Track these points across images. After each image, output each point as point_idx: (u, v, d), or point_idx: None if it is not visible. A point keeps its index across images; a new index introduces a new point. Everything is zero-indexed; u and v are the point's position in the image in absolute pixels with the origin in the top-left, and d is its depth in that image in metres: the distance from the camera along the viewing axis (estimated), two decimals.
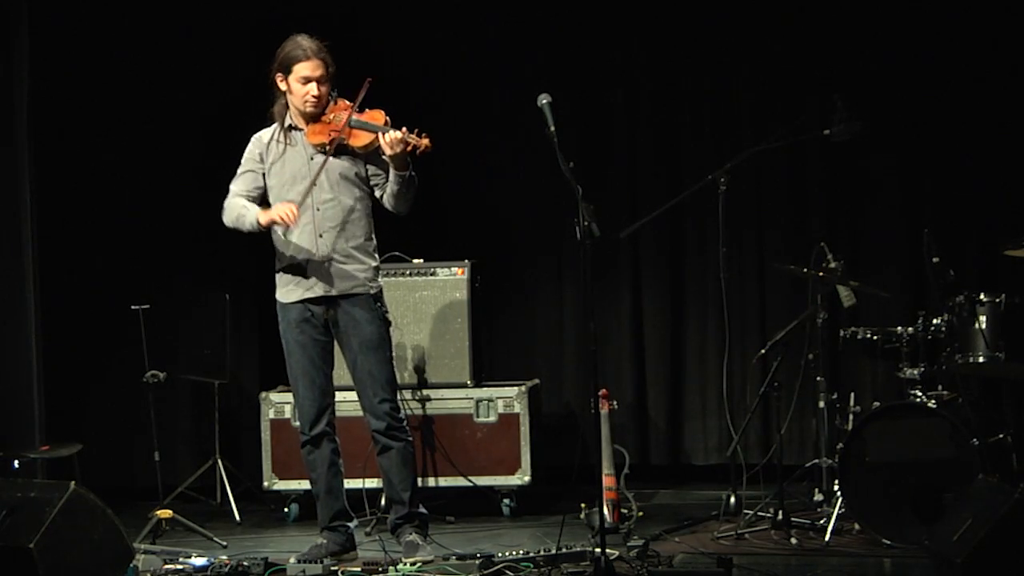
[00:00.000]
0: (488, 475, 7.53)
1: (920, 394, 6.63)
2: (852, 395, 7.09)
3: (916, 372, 6.69)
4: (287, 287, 6.42)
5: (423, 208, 6.65)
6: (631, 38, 8.47)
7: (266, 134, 6.47)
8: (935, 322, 6.73)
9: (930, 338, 6.76)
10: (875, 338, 6.85)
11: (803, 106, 7.82)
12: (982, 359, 6.61)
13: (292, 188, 6.39)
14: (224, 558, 6.35)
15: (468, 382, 7.62)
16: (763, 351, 7.28)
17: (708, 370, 8.38)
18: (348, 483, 6.65)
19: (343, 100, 6.37)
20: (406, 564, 6.20)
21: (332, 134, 6.33)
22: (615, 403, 7.29)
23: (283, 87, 6.39)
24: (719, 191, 6.96)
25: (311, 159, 6.39)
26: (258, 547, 6.93)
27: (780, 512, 6.67)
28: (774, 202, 8.36)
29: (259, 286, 7.90)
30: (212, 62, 8.36)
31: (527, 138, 7.64)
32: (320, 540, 6.50)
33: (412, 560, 6.24)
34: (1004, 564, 5.40)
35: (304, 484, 7.07)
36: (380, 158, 6.36)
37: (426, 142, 6.21)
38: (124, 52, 8.36)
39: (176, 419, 8.45)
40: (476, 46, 8.52)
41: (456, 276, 7.67)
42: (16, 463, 7.47)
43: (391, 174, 6.33)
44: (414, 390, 7.53)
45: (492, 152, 8.53)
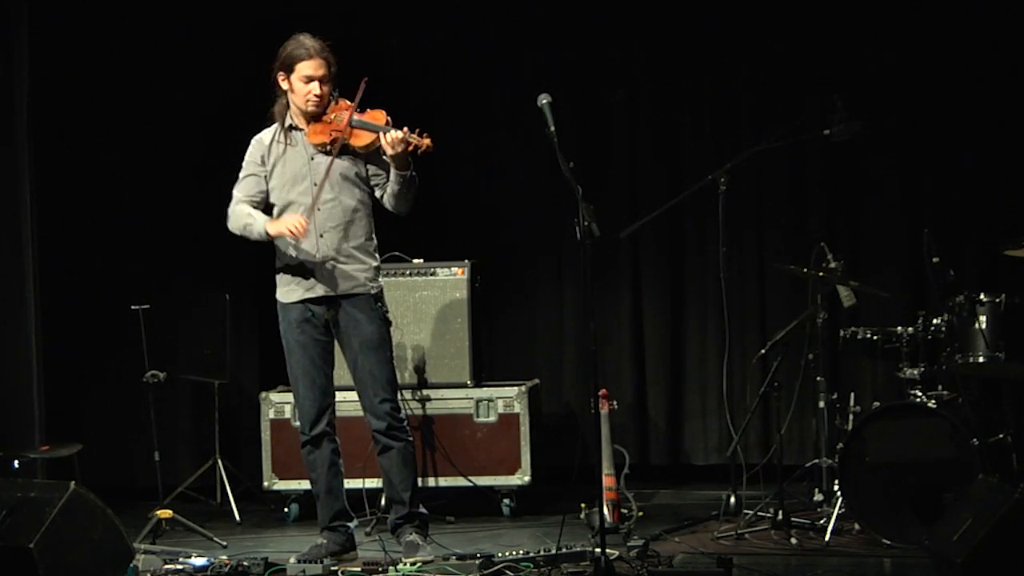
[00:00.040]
0: (488, 475, 7.53)
1: (920, 394, 6.63)
2: (852, 395, 7.08)
3: (916, 372, 6.69)
4: (288, 287, 6.42)
5: (423, 208, 6.65)
6: (631, 38, 8.47)
7: (267, 135, 6.46)
8: (935, 322, 6.73)
9: (930, 338, 6.75)
10: (875, 338, 6.85)
11: (803, 106, 7.81)
12: (982, 359, 6.61)
13: (293, 188, 6.38)
14: (224, 558, 6.35)
15: (468, 382, 7.62)
16: (763, 351, 7.28)
17: (708, 370, 8.38)
18: (348, 483, 6.65)
19: (344, 100, 6.36)
20: (406, 564, 6.20)
21: (333, 134, 6.32)
22: (615, 403, 7.28)
23: (285, 86, 6.38)
24: (719, 191, 6.96)
25: (312, 159, 6.38)
26: (258, 547, 6.93)
27: (780, 512, 6.67)
28: (774, 202, 8.36)
29: (259, 286, 7.88)
30: (212, 62, 8.36)
31: (527, 138, 7.63)
32: (320, 540, 6.49)
33: (412, 560, 6.24)
34: (1004, 564, 5.39)
35: (304, 484, 7.06)
36: (381, 158, 6.35)
37: (427, 142, 6.21)
38: (124, 52, 8.36)
39: (176, 419, 8.45)
40: (476, 46, 8.52)
41: (456, 276, 7.67)
42: (16, 463, 7.47)
43: (392, 174, 6.33)
44: (414, 390, 7.53)
45: (492, 152, 8.53)
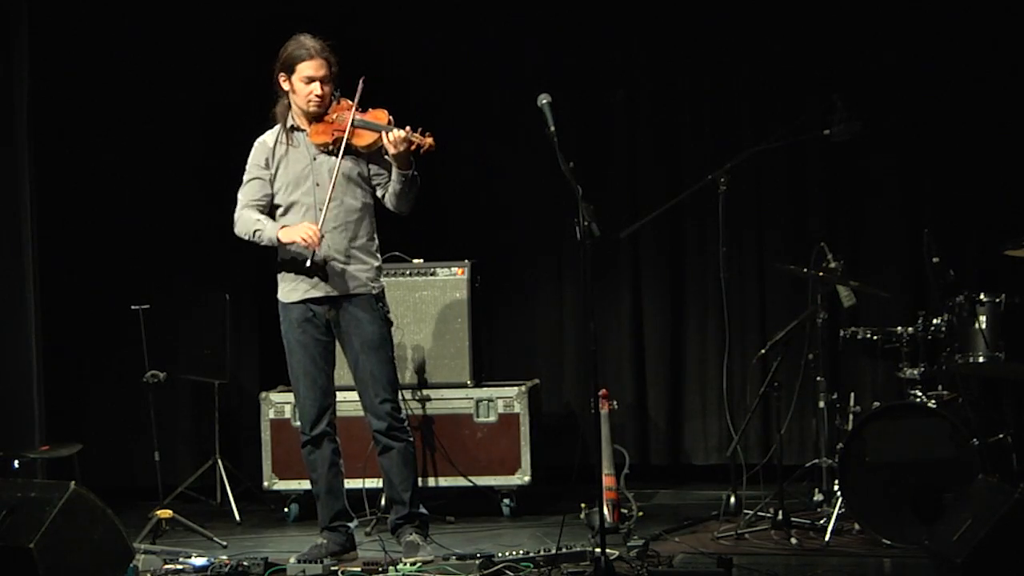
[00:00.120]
0: (488, 475, 7.53)
1: (920, 394, 6.62)
2: (852, 395, 7.08)
3: (916, 372, 6.68)
4: (289, 287, 6.41)
5: (423, 208, 6.64)
6: (631, 38, 8.47)
7: (270, 137, 6.45)
8: (935, 322, 6.73)
9: (930, 338, 6.75)
10: (875, 338, 6.85)
11: (803, 106, 7.80)
12: (982, 359, 6.61)
13: (296, 189, 6.38)
14: (224, 558, 6.35)
15: (468, 382, 7.61)
16: (763, 351, 7.28)
17: (708, 370, 8.38)
18: (348, 483, 6.65)
19: (345, 100, 6.36)
20: (406, 564, 6.20)
21: (335, 134, 6.32)
22: (615, 403, 7.28)
23: (286, 87, 6.38)
24: (719, 191, 6.96)
25: (314, 159, 6.38)
26: (258, 547, 6.93)
27: (780, 512, 6.67)
28: (774, 202, 8.36)
29: (259, 286, 7.91)
30: (212, 62, 8.35)
31: (527, 138, 7.63)
32: (320, 540, 6.49)
33: (412, 560, 6.24)
34: (1004, 564, 5.40)
35: (304, 484, 7.06)
36: (382, 157, 6.35)
37: (430, 141, 6.20)
38: (124, 52, 8.36)
39: (176, 419, 8.45)
40: (476, 46, 8.52)
41: (456, 276, 7.66)
42: (16, 463, 7.47)
43: (394, 173, 6.33)
44: (414, 390, 7.53)
45: (492, 152, 8.52)
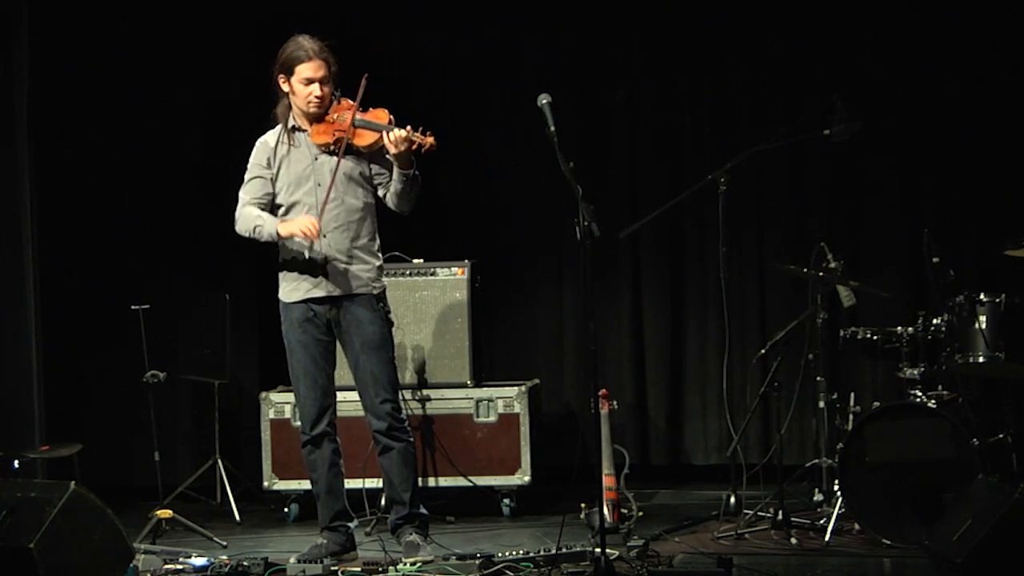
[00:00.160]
0: (488, 475, 7.52)
1: (920, 394, 6.62)
2: (852, 395, 7.08)
3: (916, 372, 6.68)
4: (290, 286, 6.41)
5: (423, 208, 6.64)
6: (631, 38, 8.47)
7: (271, 137, 6.45)
8: (935, 322, 6.73)
9: (930, 338, 6.75)
10: (875, 338, 6.84)
11: (803, 106, 7.79)
12: (982, 359, 6.61)
13: (298, 189, 6.38)
14: (224, 558, 6.35)
15: (468, 382, 7.61)
16: (763, 351, 7.28)
17: (708, 370, 8.38)
18: (348, 483, 6.65)
19: (346, 100, 6.36)
20: (406, 564, 6.20)
21: (337, 134, 6.32)
22: (615, 403, 7.28)
23: (286, 88, 6.37)
24: (719, 191, 6.95)
25: (315, 159, 6.38)
26: (258, 547, 6.93)
27: (780, 512, 6.67)
28: (774, 202, 8.36)
29: (259, 286, 7.92)
30: (212, 62, 8.35)
31: (527, 138, 7.63)
32: (320, 540, 6.49)
33: (412, 560, 6.24)
34: (1004, 564, 5.40)
35: (304, 484, 7.06)
36: (384, 157, 6.35)
37: (431, 140, 6.20)
38: (124, 52, 8.35)
39: (176, 419, 8.45)
40: (476, 46, 8.52)
41: (456, 276, 7.66)
42: (16, 463, 7.47)
43: (395, 173, 6.33)
44: (414, 390, 7.53)
45: (492, 152, 8.52)
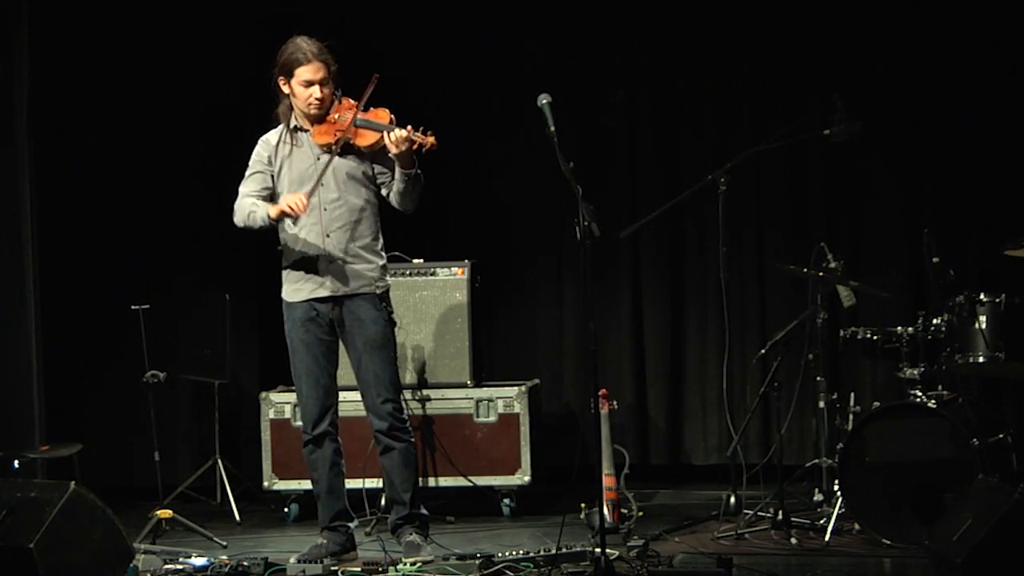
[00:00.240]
0: (488, 475, 7.52)
1: (920, 394, 6.62)
2: (852, 395, 7.08)
3: (916, 372, 6.68)
4: (294, 286, 6.42)
5: (423, 208, 6.64)
6: (631, 38, 8.47)
7: (273, 136, 6.47)
8: (935, 322, 6.73)
9: (930, 338, 6.75)
10: (875, 338, 6.84)
11: (803, 106, 7.80)
12: (982, 359, 6.60)
13: (300, 189, 6.37)
14: (224, 558, 6.35)
15: (468, 382, 7.61)
16: (763, 351, 7.28)
17: (708, 370, 8.38)
18: (348, 483, 6.64)
19: (347, 99, 6.37)
20: (406, 564, 6.20)
21: (338, 134, 6.32)
22: (615, 403, 7.28)
23: (286, 90, 6.38)
24: (719, 191, 6.95)
25: (317, 159, 6.38)
26: (258, 547, 6.93)
27: (780, 512, 6.67)
28: (774, 202, 8.36)
29: (259, 286, 7.92)
30: (212, 62, 8.35)
31: (527, 138, 7.63)
32: (320, 540, 6.49)
33: (412, 560, 6.24)
34: (1004, 564, 5.40)
35: (304, 484, 7.07)
36: (386, 156, 6.35)
37: (431, 140, 6.20)
38: (124, 52, 8.35)
39: (176, 419, 8.45)
40: (476, 46, 8.52)
41: (456, 276, 7.66)
42: (16, 463, 7.47)
43: (397, 172, 6.33)
44: (414, 390, 7.53)
45: (492, 152, 8.52)
